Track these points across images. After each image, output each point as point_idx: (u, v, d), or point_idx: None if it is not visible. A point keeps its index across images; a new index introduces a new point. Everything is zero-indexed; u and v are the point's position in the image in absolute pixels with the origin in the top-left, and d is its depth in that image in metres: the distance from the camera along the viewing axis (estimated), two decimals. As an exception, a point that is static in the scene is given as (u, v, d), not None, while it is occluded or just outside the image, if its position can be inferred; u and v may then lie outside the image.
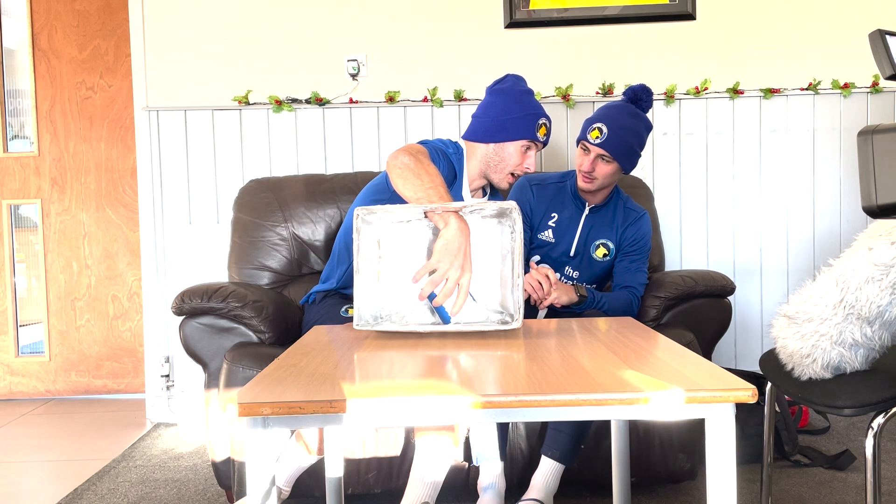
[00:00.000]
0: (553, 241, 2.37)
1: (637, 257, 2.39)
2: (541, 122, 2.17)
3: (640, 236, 2.39)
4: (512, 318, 1.59)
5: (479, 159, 2.21)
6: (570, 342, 1.44)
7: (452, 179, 2.17)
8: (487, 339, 1.50)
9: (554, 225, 2.36)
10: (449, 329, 1.54)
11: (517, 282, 1.57)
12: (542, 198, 2.39)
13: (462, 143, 2.26)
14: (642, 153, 2.35)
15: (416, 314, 1.65)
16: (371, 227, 1.63)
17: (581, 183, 2.32)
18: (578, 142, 2.32)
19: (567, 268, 2.38)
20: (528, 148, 2.18)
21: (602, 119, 2.25)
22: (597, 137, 2.24)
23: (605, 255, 2.37)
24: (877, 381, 1.50)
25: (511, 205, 1.58)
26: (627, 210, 2.41)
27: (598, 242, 2.36)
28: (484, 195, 2.34)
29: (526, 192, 2.40)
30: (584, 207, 2.37)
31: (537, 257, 2.40)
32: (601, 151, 2.24)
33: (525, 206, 2.39)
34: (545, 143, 2.23)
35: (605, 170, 2.27)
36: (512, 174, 2.20)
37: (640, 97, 2.29)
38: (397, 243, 1.66)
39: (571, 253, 2.36)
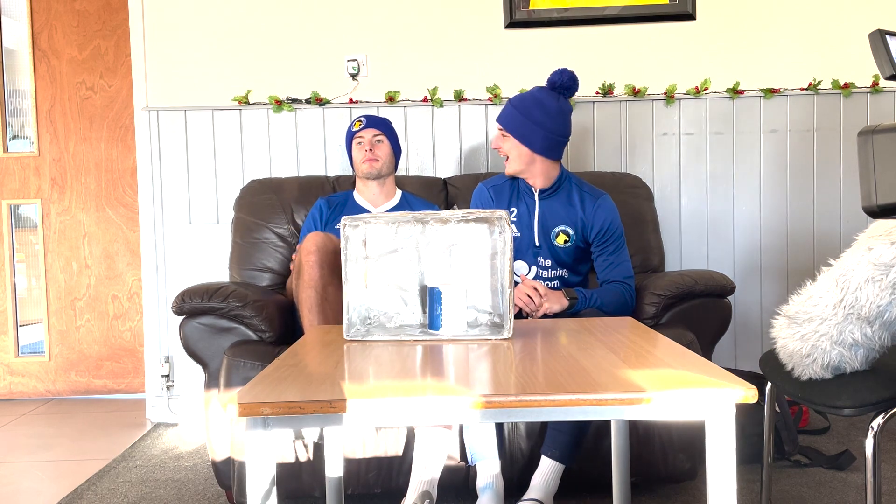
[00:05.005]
0: (519, 234, 2.38)
1: (614, 247, 2.36)
2: (354, 120, 2.69)
3: (608, 222, 2.36)
4: (501, 318, 1.60)
5: (357, 175, 2.70)
6: (570, 342, 1.44)
7: (352, 207, 2.66)
8: (486, 339, 1.50)
9: (515, 219, 2.38)
10: (439, 337, 1.54)
11: (507, 287, 1.57)
12: (500, 198, 2.41)
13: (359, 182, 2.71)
14: (566, 139, 2.35)
15: (404, 315, 1.66)
16: (357, 230, 1.64)
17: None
18: None
19: (539, 258, 2.37)
20: (359, 142, 2.65)
21: (509, 100, 2.39)
22: (497, 115, 2.41)
23: (566, 242, 2.36)
24: (877, 381, 1.50)
25: (500, 213, 1.60)
26: (584, 194, 2.39)
27: (557, 230, 2.36)
28: (400, 201, 2.70)
29: (485, 198, 2.42)
30: (534, 195, 2.38)
31: (517, 262, 2.40)
32: (498, 126, 2.38)
33: None
34: (374, 125, 2.66)
35: (507, 145, 2.36)
36: (364, 161, 2.64)
37: (555, 81, 2.34)
38: (383, 243, 1.67)
39: (536, 243, 2.36)
